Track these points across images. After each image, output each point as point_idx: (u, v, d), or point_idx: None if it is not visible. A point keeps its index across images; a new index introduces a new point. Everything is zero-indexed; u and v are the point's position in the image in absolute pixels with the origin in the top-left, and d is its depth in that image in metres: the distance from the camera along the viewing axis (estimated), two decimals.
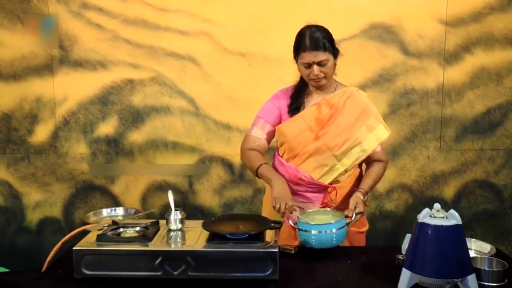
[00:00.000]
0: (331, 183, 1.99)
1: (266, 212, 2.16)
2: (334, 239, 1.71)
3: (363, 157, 1.99)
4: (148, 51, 3.04)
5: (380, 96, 3.05)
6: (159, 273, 1.48)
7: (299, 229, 1.74)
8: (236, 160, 3.10)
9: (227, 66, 3.03)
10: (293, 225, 1.79)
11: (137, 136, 3.14)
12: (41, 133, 3.14)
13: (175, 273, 1.48)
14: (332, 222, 1.73)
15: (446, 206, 1.45)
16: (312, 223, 1.73)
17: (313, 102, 2.04)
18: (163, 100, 3.09)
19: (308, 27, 1.95)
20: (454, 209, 1.45)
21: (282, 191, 1.86)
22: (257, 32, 2.99)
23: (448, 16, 2.98)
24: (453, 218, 1.42)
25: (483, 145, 3.10)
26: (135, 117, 3.11)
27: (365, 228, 2.15)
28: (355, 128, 1.97)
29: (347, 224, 1.77)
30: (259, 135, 2.06)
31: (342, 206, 1.98)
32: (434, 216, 1.43)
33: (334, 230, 1.70)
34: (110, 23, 3.02)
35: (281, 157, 2.06)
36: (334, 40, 1.97)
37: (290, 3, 2.94)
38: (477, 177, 3.13)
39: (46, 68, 3.07)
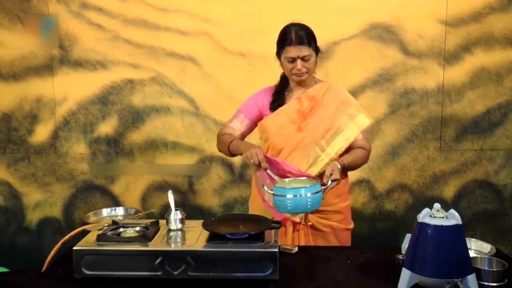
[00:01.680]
0: (318, 176, 1.99)
1: (253, 212, 2.16)
2: (309, 203, 1.71)
3: (346, 145, 2.02)
4: (148, 51, 3.04)
5: (380, 96, 3.05)
6: (159, 273, 1.48)
7: (274, 195, 1.74)
8: (236, 160, 3.10)
9: (227, 66, 3.03)
10: (269, 191, 1.79)
11: (137, 136, 3.14)
12: (41, 133, 3.14)
13: (175, 273, 1.48)
14: (307, 186, 1.73)
15: (446, 206, 1.45)
16: (288, 187, 1.74)
17: (294, 97, 2.08)
18: (163, 100, 3.09)
19: (293, 24, 2.03)
20: (454, 209, 1.45)
21: (252, 147, 1.96)
22: (257, 32, 2.99)
23: (448, 16, 2.98)
24: (453, 218, 1.42)
25: (483, 145, 3.10)
26: (135, 117, 3.11)
27: (352, 225, 2.18)
28: (336, 117, 2.02)
29: (323, 190, 1.78)
30: (237, 127, 2.16)
31: (330, 199, 2.02)
32: (434, 216, 1.43)
33: (309, 194, 1.70)
34: (110, 23, 3.02)
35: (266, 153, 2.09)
36: (316, 38, 2.03)
37: (290, 3, 2.94)
38: (477, 177, 3.13)
39: (46, 68, 3.07)
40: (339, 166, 1.91)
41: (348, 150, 2.05)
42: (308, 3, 2.95)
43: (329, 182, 1.84)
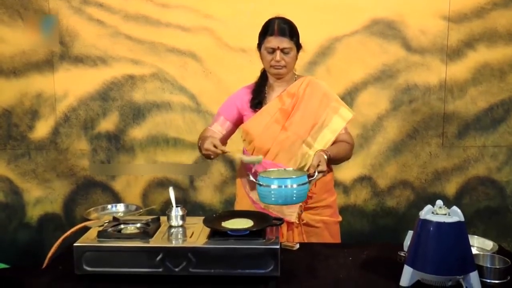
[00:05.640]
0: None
1: None
2: (295, 195, 1.66)
3: (333, 138, 2.00)
4: (149, 47, 3.03)
5: (382, 93, 3.04)
6: (160, 270, 1.48)
7: (259, 184, 1.68)
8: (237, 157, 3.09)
9: (228, 62, 3.02)
10: (254, 179, 1.74)
11: (138, 132, 3.13)
12: (42, 129, 3.14)
13: (176, 269, 1.47)
14: (293, 177, 1.68)
15: (448, 203, 1.44)
16: (273, 177, 1.68)
17: (275, 95, 2.05)
18: (164, 96, 3.08)
19: (277, 17, 2.02)
20: (456, 205, 1.44)
21: (206, 140, 1.89)
22: (259, 28, 2.94)
23: (450, 12, 2.96)
24: (455, 215, 1.41)
25: (485, 142, 3.09)
26: (136, 113, 3.11)
27: (340, 218, 2.17)
28: (320, 112, 2.00)
29: (309, 181, 1.72)
30: (217, 130, 2.11)
31: (320, 195, 2.01)
32: (436, 213, 1.43)
33: (295, 186, 1.65)
34: (111, 19, 3.01)
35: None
36: (299, 35, 2.01)
37: None
38: (479, 174, 3.12)
39: (47, 64, 3.07)
40: (325, 157, 1.85)
41: (332, 144, 2.02)
42: None
43: (316, 173, 1.78)
